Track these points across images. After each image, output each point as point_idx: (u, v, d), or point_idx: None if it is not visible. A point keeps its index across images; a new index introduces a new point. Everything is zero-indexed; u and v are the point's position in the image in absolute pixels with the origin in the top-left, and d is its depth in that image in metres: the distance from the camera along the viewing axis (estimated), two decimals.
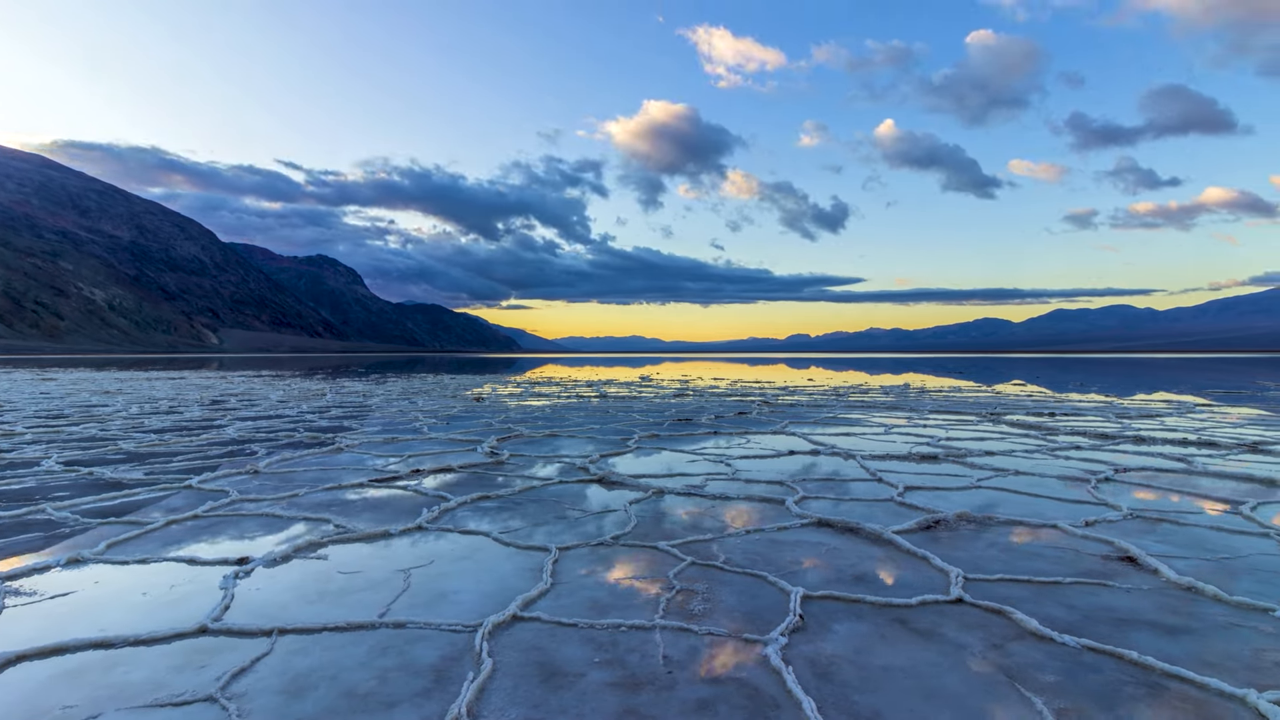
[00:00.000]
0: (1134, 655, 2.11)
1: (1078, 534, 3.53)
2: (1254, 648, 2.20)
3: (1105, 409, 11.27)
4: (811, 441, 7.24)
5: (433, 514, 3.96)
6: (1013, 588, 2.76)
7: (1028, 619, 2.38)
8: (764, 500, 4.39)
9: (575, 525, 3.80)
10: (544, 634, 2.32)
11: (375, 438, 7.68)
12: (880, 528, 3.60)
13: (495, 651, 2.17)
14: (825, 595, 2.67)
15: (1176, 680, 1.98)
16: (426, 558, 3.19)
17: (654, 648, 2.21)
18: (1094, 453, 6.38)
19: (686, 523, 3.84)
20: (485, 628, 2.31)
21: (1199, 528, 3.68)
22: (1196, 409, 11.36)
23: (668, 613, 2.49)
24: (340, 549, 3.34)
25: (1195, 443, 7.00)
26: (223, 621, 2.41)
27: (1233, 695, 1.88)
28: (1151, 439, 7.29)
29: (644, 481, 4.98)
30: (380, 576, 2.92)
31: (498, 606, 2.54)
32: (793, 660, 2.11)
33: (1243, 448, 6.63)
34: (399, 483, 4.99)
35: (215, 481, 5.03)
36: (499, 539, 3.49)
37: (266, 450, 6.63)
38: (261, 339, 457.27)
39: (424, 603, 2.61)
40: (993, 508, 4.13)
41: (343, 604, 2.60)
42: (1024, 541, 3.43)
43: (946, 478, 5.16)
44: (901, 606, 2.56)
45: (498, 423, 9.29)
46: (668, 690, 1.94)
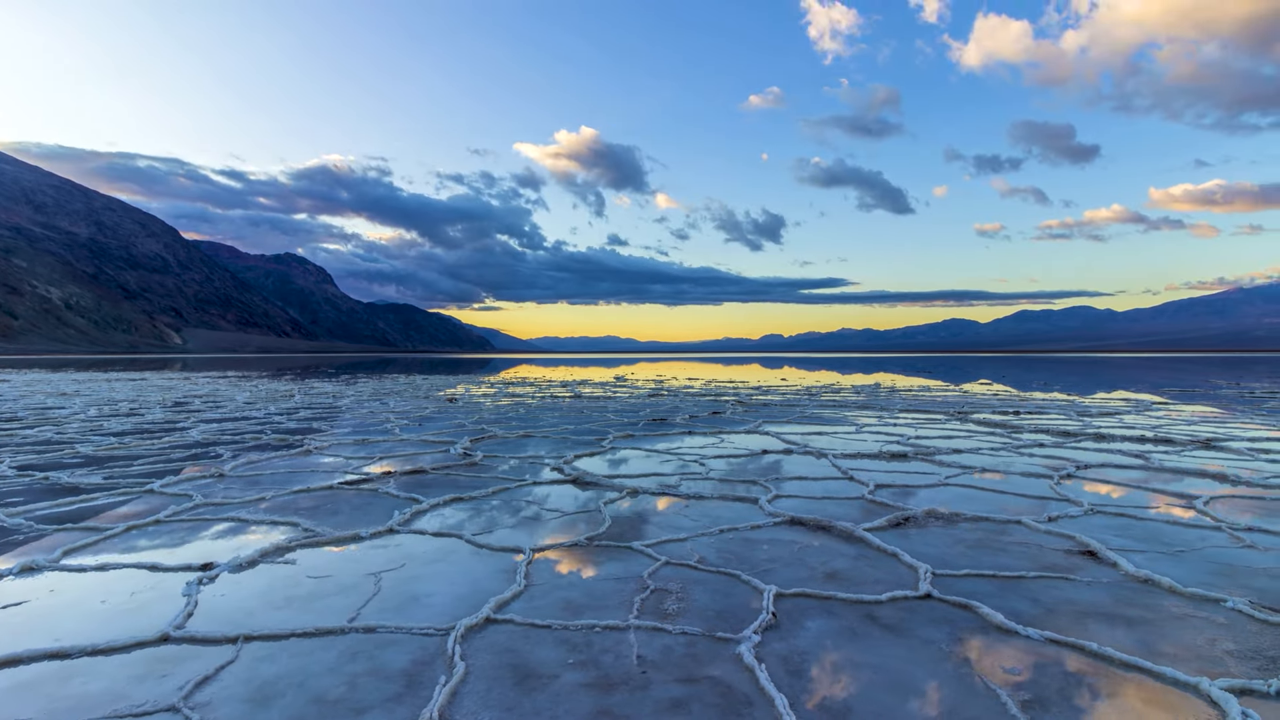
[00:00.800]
0: (1094, 646, 2.17)
1: (1041, 529, 3.62)
2: (1207, 637, 2.29)
3: (1067, 407, 11.57)
4: (785, 440, 7.31)
5: (404, 516, 3.91)
6: (979, 583, 2.82)
7: (993, 613, 2.44)
8: (738, 499, 4.42)
9: (549, 526, 3.78)
10: (518, 636, 2.31)
11: (345, 439, 7.56)
12: (851, 525, 3.65)
13: (468, 654, 2.16)
14: (798, 593, 2.70)
15: (1134, 670, 2.05)
16: (398, 560, 3.15)
17: (628, 648, 2.21)
18: (1057, 450, 6.55)
19: (661, 522, 3.85)
20: (458, 631, 2.29)
21: (1155, 522, 3.81)
22: (1154, 407, 11.73)
23: (642, 613, 2.50)
24: (309, 553, 3.28)
25: (1152, 440, 7.23)
26: (186, 629, 2.35)
27: (1186, 683, 1.95)
28: (1111, 436, 7.51)
29: (618, 481, 4.98)
30: (350, 580, 2.88)
31: (471, 609, 2.52)
32: (766, 658, 2.13)
33: (1197, 444, 6.87)
34: (370, 485, 4.92)
35: (178, 485, 4.90)
36: (472, 541, 3.46)
37: (232, 453, 6.48)
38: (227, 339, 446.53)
39: (395, 606, 2.58)
40: (960, 504, 4.22)
41: (311, 609, 2.56)
42: (990, 537, 3.51)
43: (915, 475, 5.26)
44: (872, 603, 2.60)
45: (471, 423, 9.21)
46: (642, 690, 1.94)
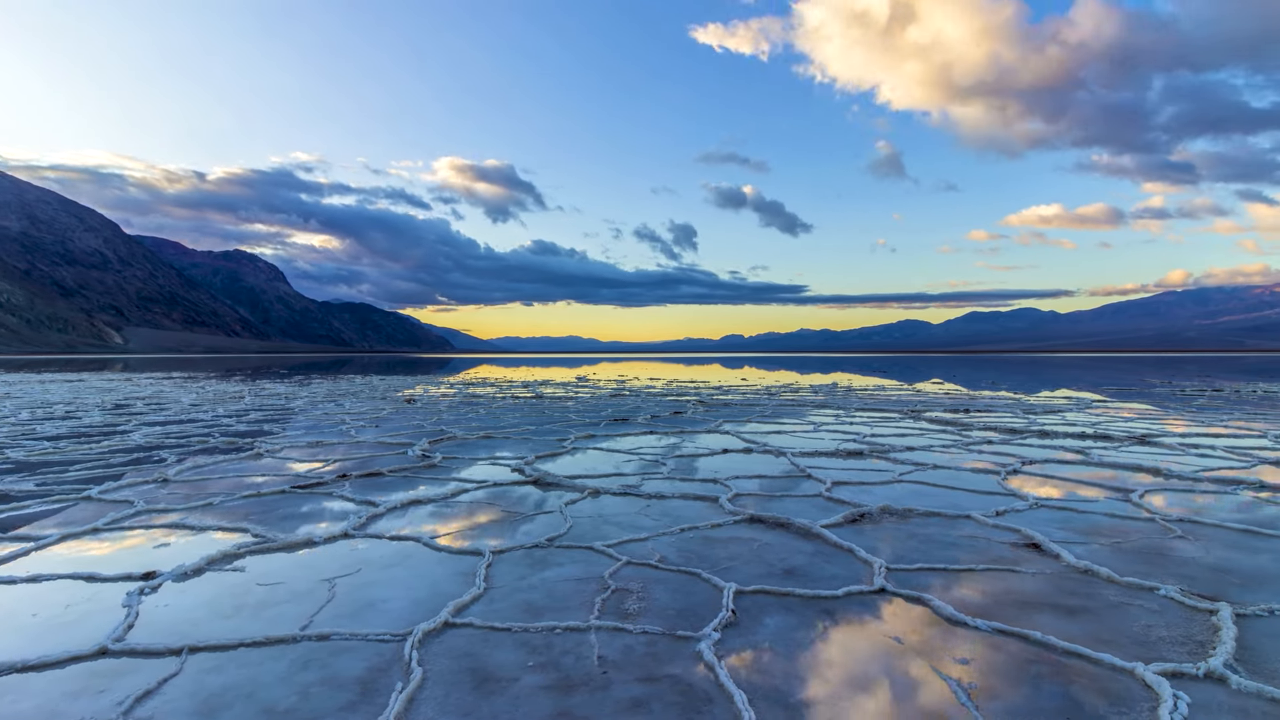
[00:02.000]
0: (1038, 636, 2.26)
1: (989, 524, 3.75)
2: (1142, 624, 2.40)
3: (1014, 405, 12.00)
4: (745, 439, 7.40)
5: (360, 520, 3.82)
6: (931, 576, 2.90)
7: (944, 605, 2.52)
8: (698, 498, 4.46)
9: (510, 528, 3.75)
10: (477, 640, 2.28)
11: (299, 442, 7.34)
12: (809, 522, 3.72)
13: (426, 660, 2.12)
14: (757, 590, 2.73)
15: (1075, 657, 2.14)
16: (353, 565, 3.07)
17: (589, 649, 2.21)
18: (1004, 447, 6.79)
19: (622, 522, 3.85)
20: (415, 636, 2.25)
21: (1095, 515, 3.98)
22: (1093, 405, 12.26)
23: (603, 613, 2.50)
24: (259, 559, 3.18)
25: (1092, 436, 7.55)
26: (125, 641, 2.25)
27: (1123, 669, 2.04)
28: (1054, 433, 7.81)
29: (580, 482, 4.97)
30: (303, 587, 2.80)
31: (429, 613, 2.48)
32: (725, 655, 2.15)
33: (1133, 440, 7.20)
34: (324, 488, 4.79)
35: (118, 491, 4.69)
36: (430, 544, 3.40)
37: (177, 457, 6.23)
38: (172, 338, 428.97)
39: (350, 613, 2.52)
40: (913, 501, 4.33)
41: (261, 617, 2.48)
42: (941, 532, 3.62)
43: (871, 473, 5.38)
44: (829, 598, 2.65)
45: (430, 425, 9.05)
46: (602, 690, 1.94)
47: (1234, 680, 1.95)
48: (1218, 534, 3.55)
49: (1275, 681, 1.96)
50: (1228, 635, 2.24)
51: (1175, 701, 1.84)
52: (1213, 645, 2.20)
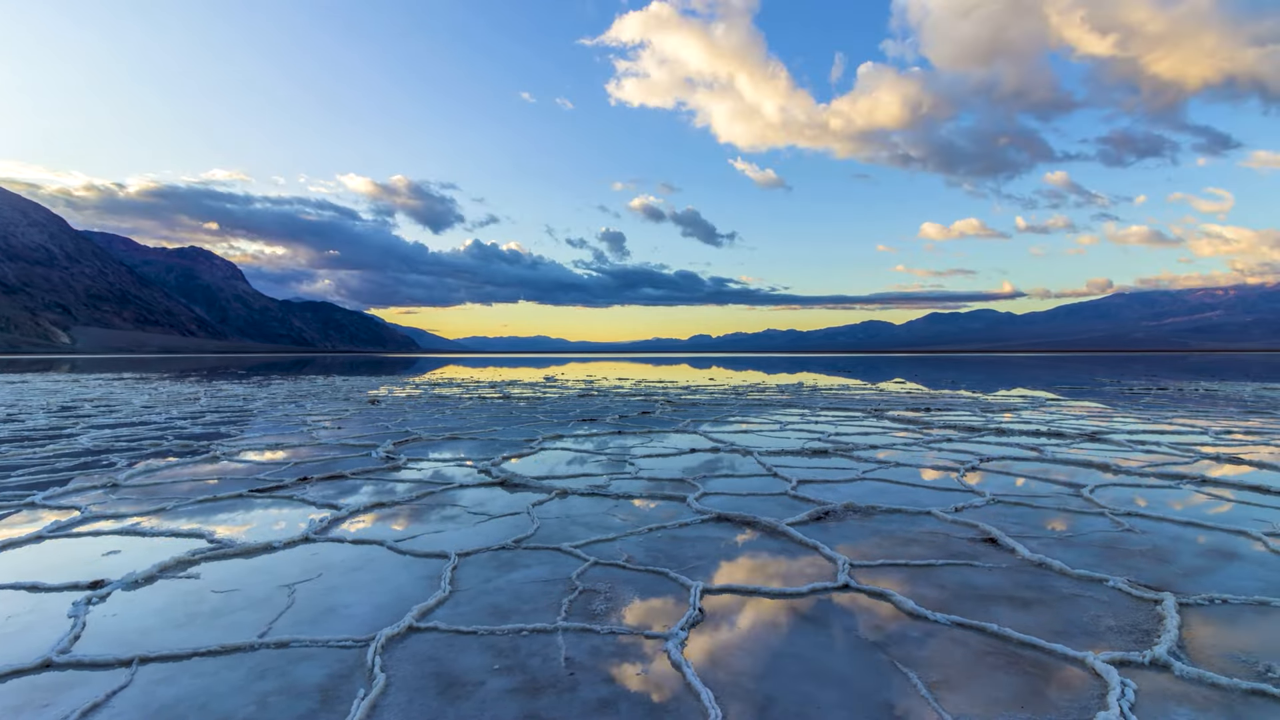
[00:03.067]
0: (994, 628, 2.33)
1: (948, 519, 3.84)
2: (1092, 615, 2.49)
3: (972, 404, 12.33)
4: (712, 439, 7.45)
5: (321, 524, 3.74)
6: (893, 572, 2.97)
7: (905, 600, 2.57)
8: (666, 498, 4.47)
9: (476, 530, 3.71)
10: (442, 644, 2.25)
11: (257, 445, 7.15)
12: (775, 520, 3.76)
13: (389, 665, 2.09)
14: (724, 588, 2.75)
15: (1030, 648, 2.20)
16: (314, 571, 3.00)
17: (556, 651, 2.20)
18: (963, 444, 6.96)
19: (590, 523, 3.84)
20: (378, 641, 2.21)
21: (1048, 509, 4.11)
22: (1047, 403, 12.66)
23: (570, 614, 2.49)
24: (214, 566, 3.09)
25: (1046, 433, 7.80)
26: (71, 653, 2.17)
27: (1075, 658, 2.12)
28: (1010, 431, 8.05)
29: (547, 483, 4.94)
30: (261, 594, 2.73)
31: (392, 618, 2.44)
32: (692, 654, 2.17)
33: (1084, 437, 7.46)
34: (284, 492, 4.67)
35: (64, 497, 4.50)
36: (395, 548, 3.35)
37: (128, 461, 6.00)
38: (123, 338, 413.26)
39: (310, 619, 2.46)
40: (876, 498, 4.42)
41: (216, 626, 2.41)
42: (903, 528, 3.70)
43: (835, 471, 5.47)
44: (794, 595, 2.68)
45: (395, 426, 8.90)
46: (570, 692, 1.93)
47: (1177, 667, 2.04)
48: (1162, 527, 3.70)
49: (1215, 667, 2.06)
50: (1171, 624, 2.34)
51: (1123, 689, 1.91)
52: (1157, 634, 2.29)
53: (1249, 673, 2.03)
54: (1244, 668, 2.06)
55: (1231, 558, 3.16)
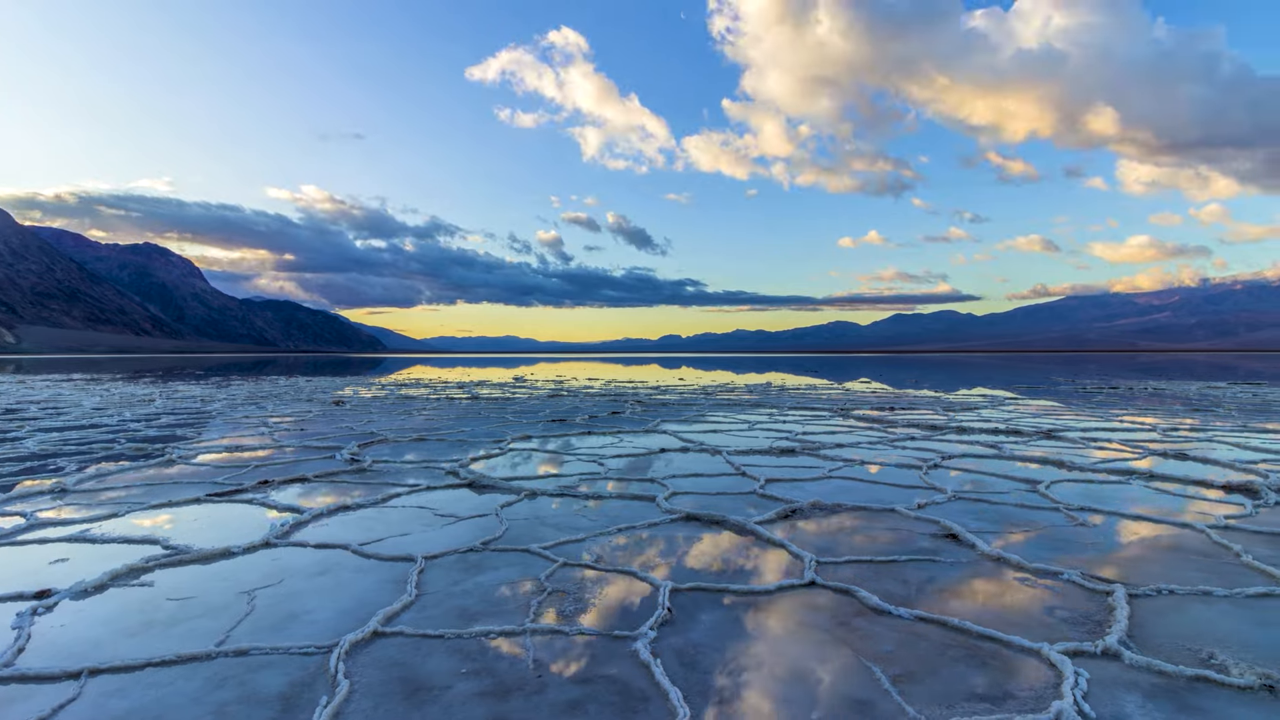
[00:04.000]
0: (955, 621, 2.39)
1: (911, 516, 3.92)
2: (1047, 607, 2.57)
3: (935, 403, 12.61)
4: (682, 439, 7.48)
5: (283, 528, 3.65)
6: (858, 568, 3.02)
7: (870, 596, 2.62)
8: (636, 498, 4.48)
9: (443, 532, 3.66)
10: (408, 648, 2.22)
11: (216, 447, 6.94)
12: (744, 519, 3.80)
13: (353, 672, 2.05)
14: (693, 587, 2.77)
15: (988, 640, 2.26)
16: (275, 576, 2.93)
17: (524, 653, 2.18)
18: (925, 442, 7.12)
19: (559, 524, 3.82)
20: (342, 647, 2.17)
21: (1006, 505, 4.23)
22: (1006, 402, 13.02)
23: (538, 616, 2.48)
24: (170, 573, 2.99)
25: (1004, 431, 8.02)
26: (15, 666, 2.08)
27: (1032, 649, 2.18)
28: (971, 429, 8.26)
29: (516, 484, 4.90)
30: (219, 601, 2.65)
31: (357, 623, 2.39)
32: (661, 653, 2.17)
33: (1040, 434, 7.69)
34: (243, 496, 4.55)
35: (9, 504, 4.31)
36: (359, 551, 3.29)
37: (77, 465, 5.78)
38: (72, 338, 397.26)
39: (271, 626, 2.40)
40: (841, 496, 4.49)
41: (172, 634, 2.33)
42: (867, 525, 3.76)
43: (802, 469, 5.54)
44: (762, 593, 2.71)
45: (360, 427, 8.74)
46: (538, 694, 1.92)
47: (1127, 656, 2.12)
48: (1114, 521, 3.83)
49: (1163, 655, 2.14)
50: (1122, 614, 2.42)
51: (1076, 678, 1.97)
52: (1109, 624, 2.38)
53: (1194, 660, 2.11)
54: (1189, 655, 2.15)
55: (1177, 550, 3.29)
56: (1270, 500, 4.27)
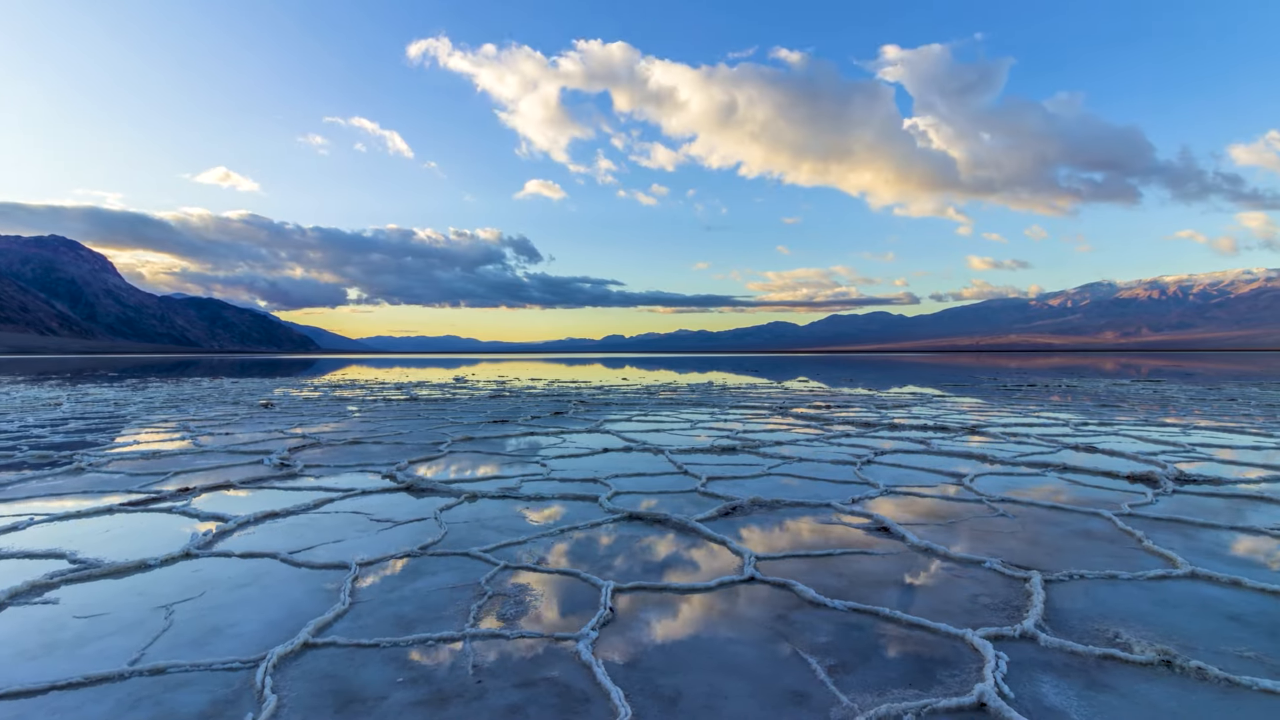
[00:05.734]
0: (886, 611, 2.48)
1: (846, 510, 4.05)
2: (970, 594, 2.70)
3: (868, 401, 13.06)
4: (625, 439, 7.50)
5: (205, 538, 3.47)
6: (796, 563, 3.10)
7: (807, 589, 2.69)
8: (578, 498, 4.46)
9: (379, 538, 3.56)
10: (341, 659, 2.14)
11: (131, 454, 6.53)
12: (685, 517, 3.84)
13: (282, 685, 1.97)
14: (635, 586, 2.78)
15: (917, 628, 2.36)
16: (196, 589, 2.78)
17: (464, 658, 2.14)
18: (860, 439, 7.37)
19: (500, 526, 3.77)
20: (270, 660, 2.08)
21: (934, 498, 4.42)
22: (934, 399, 13.61)
23: (479, 620, 2.44)
24: (78, 589, 2.79)
25: (933, 428, 8.39)
26: None
27: (956, 635, 2.29)
28: (902, 425, 8.60)
29: (456, 486, 4.81)
30: (133, 617, 2.50)
31: (286, 635, 2.30)
32: (603, 653, 2.17)
33: (966, 430, 8.08)
34: (162, 504, 4.30)
35: None
36: (289, 560, 3.15)
37: None
38: None
39: (191, 641, 2.28)
40: (780, 493, 4.60)
41: (79, 655, 2.18)
42: (804, 520, 3.87)
43: (743, 467, 5.64)
44: (703, 590, 2.75)
45: (290, 430, 8.38)
46: (477, 700, 1.89)
47: (1043, 638, 2.25)
48: (1031, 511, 4.06)
49: (1074, 636, 2.29)
50: (1038, 599, 2.57)
51: (997, 661, 2.08)
52: (1026, 609, 2.52)
53: (1101, 639, 2.27)
54: (1097, 635, 2.30)
55: (1087, 537, 3.51)
56: (1168, 489, 4.61)
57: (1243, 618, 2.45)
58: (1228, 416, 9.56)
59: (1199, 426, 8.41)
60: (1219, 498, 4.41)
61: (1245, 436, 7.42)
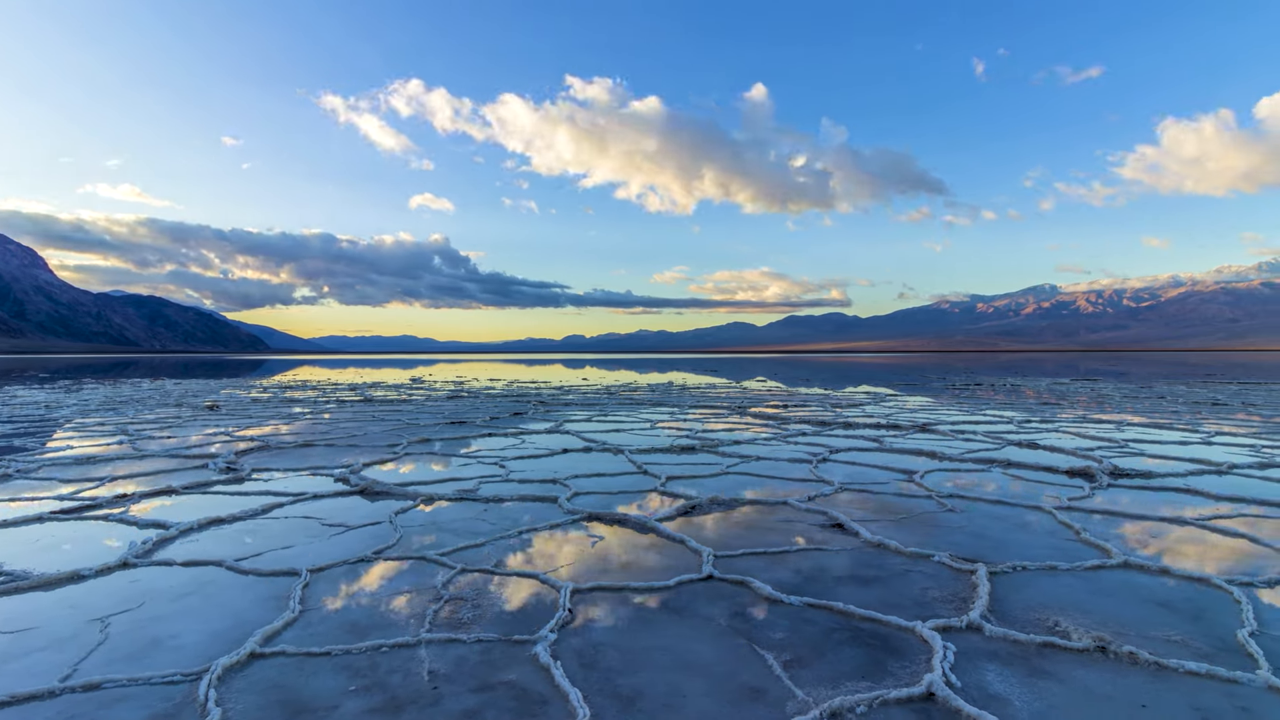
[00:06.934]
0: (840, 605, 2.54)
1: (802, 508, 4.13)
2: (921, 588, 2.78)
3: (824, 400, 13.33)
4: (584, 439, 7.47)
5: (144, 546, 3.32)
6: (753, 560, 3.14)
7: (763, 586, 2.73)
8: (538, 499, 4.43)
9: (332, 543, 3.46)
10: (290, 669, 2.08)
11: (63, 459, 6.20)
12: (645, 516, 3.85)
13: (227, 698, 1.90)
14: (594, 587, 2.78)
15: (869, 622, 2.43)
16: (134, 600, 2.66)
17: (419, 664, 2.11)
18: (816, 438, 7.51)
19: (458, 529, 3.72)
20: (214, 672, 2.01)
21: (886, 495, 4.54)
22: (886, 398, 13.97)
23: (434, 625, 2.40)
24: (6, 602, 2.64)
25: (885, 426, 8.61)
26: None
27: (907, 627, 2.36)
28: (856, 424, 8.80)
29: (412, 489, 4.72)
30: (65, 630, 2.38)
31: (231, 645, 2.22)
32: (562, 655, 2.17)
33: (917, 429, 8.32)
34: (97, 511, 4.10)
35: None
36: (235, 567, 3.05)
37: None
38: None
39: (129, 654, 2.18)
40: (738, 491, 4.65)
41: (6, 672, 2.07)
42: (762, 518, 3.92)
43: (702, 466, 5.69)
44: (661, 589, 2.76)
45: (238, 433, 8.09)
46: (433, 706, 1.86)
47: (988, 628, 2.34)
48: (978, 506, 4.21)
49: (1017, 625, 2.38)
50: (983, 591, 2.67)
51: (945, 651, 2.15)
52: (972, 600, 2.61)
53: (1042, 628, 2.36)
54: (1038, 624, 2.40)
55: (1029, 530, 3.66)
56: (1104, 483, 4.84)
57: (1170, 604, 2.59)
58: (1158, 413, 10.09)
59: (1131, 423, 8.85)
60: (1150, 490, 4.65)
61: (1173, 432, 7.84)
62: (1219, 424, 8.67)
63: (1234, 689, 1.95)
